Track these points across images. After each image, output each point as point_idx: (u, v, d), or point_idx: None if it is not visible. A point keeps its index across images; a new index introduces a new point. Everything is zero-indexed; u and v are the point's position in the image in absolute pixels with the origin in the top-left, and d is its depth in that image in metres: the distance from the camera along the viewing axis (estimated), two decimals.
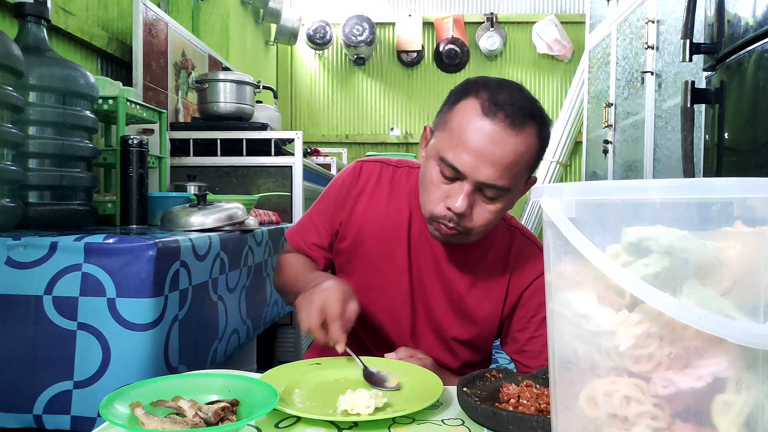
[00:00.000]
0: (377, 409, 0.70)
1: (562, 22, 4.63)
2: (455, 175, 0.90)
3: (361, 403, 0.69)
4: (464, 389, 0.74)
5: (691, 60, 1.44)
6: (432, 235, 0.98)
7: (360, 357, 0.89)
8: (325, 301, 0.88)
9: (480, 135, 0.87)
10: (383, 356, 0.93)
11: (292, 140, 2.33)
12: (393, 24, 4.79)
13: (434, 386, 0.78)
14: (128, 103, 1.65)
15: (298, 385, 0.80)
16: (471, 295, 1.06)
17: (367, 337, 1.10)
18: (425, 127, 1.01)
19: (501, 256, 1.07)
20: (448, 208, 0.91)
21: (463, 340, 1.08)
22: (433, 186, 0.93)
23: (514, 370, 0.90)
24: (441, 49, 4.68)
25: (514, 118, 0.87)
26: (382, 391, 0.76)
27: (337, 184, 1.13)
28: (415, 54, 4.74)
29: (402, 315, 1.07)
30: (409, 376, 0.84)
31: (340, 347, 0.86)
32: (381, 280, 1.07)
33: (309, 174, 2.46)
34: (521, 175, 0.92)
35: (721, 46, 1.40)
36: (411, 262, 1.06)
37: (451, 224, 0.93)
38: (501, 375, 0.82)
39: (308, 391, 0.79)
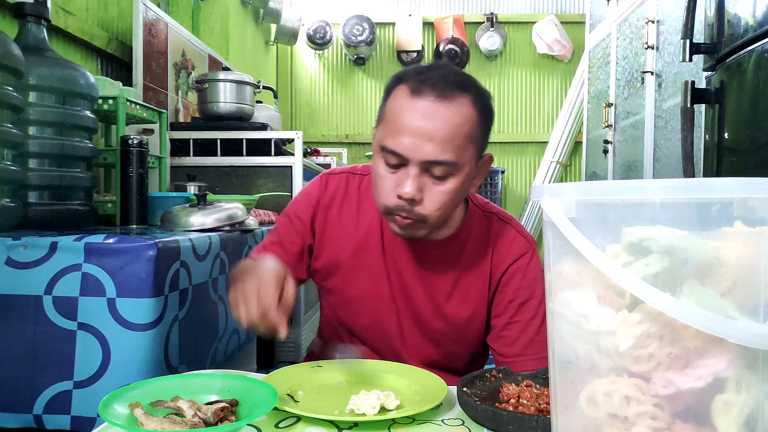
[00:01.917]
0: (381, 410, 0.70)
1: (562, 22, 4.63)
2: (399, 162, 0.90)
3: (367, 403, 0.69)
4: (464, 389, 0.74)
5: (691, 60, 1.44)
6: (394, 232, 0.97)
7: (359, 360, 0.89)
8: (259, 289, 0.81)
9: (411, 114, 0.88)
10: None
11: (292, 140, 2.33)
12: (393, 24, 4.79)
13: (438, 389, 0.78)
14: (128, 103, 1.65)
15: (301, 387, 0.81)
16: (456, 291, 1.04)
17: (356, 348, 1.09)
18: (373, 129, 1.01)
19: (480, 244, 1.05)
20: (399, 196, 0.90)
21: (454, 336, 1.06)
22: (380, 179, 0.93)
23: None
24: (441, 49, 4.67)
25: (443, 90, 0.88)
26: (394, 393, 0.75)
27: (304, 200, 1.09)
28: (415, 54, 4.74)
29: (388, 323, 1.06)
30: (413, 378, 0.84)
31: (282, 332, 0.80)
32: (361, 291, 1.05)
33: (309, 174, 2.46)
34: (465, 148, 0.90)
35: (721, 46, 1.40)
36: (388, 268, 1.04)
37: (404, 214, 0.91)
38: (501, 375, 0.82)
39: (310, 393, 0.79)
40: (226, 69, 3.02)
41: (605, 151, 3.00)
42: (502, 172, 4.52)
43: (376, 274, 1.05)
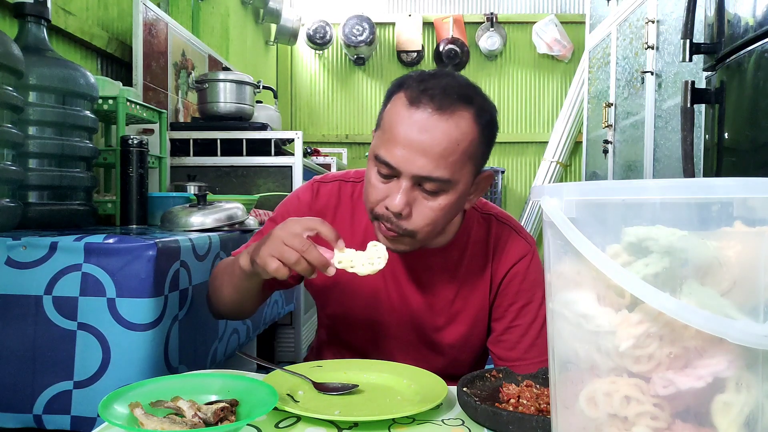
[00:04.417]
0: (378, 411, 0.70)
1: (562, 22, 4.63)
2: (391, 173, 0.86)
3: (357, 261, 0.79)
4: (464, 389, 0.74)
5: (691, 60, 1.44)
6: (380, 241, 0.91)
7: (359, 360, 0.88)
8: (300, 222, 0.82)
9: (407, 125, 0.83)
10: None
11: (292, 140, 2.33)
12: (393, 24, 4.79)
13: (438, 388, 0.78)
14: (128, 103, 1.65)
15: (301, 387, 0.81)
16: (458, 298, 1.02)
17: (354, 358, 1.06)
18: (372, 133, 0.98)
19: (480, 247, 1.03)
20: (387, 208, 0.87)
21: (458, 344, 1.05)
22: (371, 187, 0.89)
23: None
24: (441, 49, 4.67)
25: (442, 103, 0.83)
26: None
27: (294, 205, 1.05)
28: (415, 54, 4.74)
29: (387, 333, 1.04)
30: (413, 378, 0.84)
31: (335, 243, 0.82)
32: (359, 303, 1.03)
33: (309, 174, 2.46)
34: (462, 165, 0.86)
35: (721, 46, 1.40)
36: (386, 278, 1.01)
37: (389, 225, 0.88)
38: (501, 375, 0.82)
39: (310, 393, 0.79)
40: (226, 69, 3.02)
41: (605, 151, 3.00)
42: (502, 172, 4.53)
43: (374, 285, 1.02)
